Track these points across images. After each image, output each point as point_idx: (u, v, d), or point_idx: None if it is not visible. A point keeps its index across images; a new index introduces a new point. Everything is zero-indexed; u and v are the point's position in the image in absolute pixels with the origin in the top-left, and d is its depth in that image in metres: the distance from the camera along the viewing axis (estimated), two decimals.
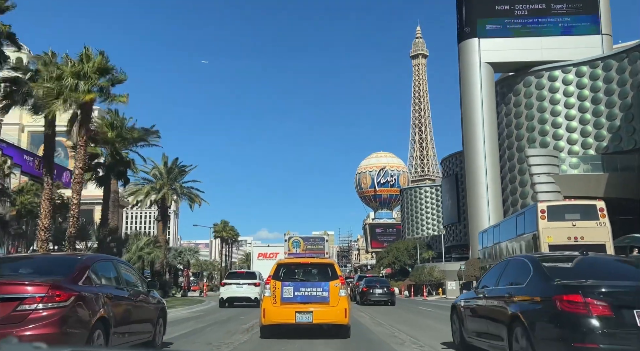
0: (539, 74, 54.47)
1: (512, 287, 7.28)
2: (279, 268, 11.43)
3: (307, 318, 10.64)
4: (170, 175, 41.05)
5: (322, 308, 10.69)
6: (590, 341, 5.57)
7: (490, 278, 8.59)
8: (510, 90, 57.00)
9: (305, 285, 10.98)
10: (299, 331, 11.15)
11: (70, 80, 18.47)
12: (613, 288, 5.99)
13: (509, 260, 8.62)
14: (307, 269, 11.70)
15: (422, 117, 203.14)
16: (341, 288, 10.91)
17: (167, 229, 42.19)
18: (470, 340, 8.71)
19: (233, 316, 18.57)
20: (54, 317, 6.16)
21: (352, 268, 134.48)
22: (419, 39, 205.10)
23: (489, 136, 54.49)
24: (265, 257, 40.24)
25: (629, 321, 5.59)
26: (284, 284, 10.89)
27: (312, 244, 43.93)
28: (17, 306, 6.08)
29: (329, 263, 11.89)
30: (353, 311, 14.32)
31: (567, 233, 18.96)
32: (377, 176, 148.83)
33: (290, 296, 10.76)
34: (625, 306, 5.69)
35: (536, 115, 54.50)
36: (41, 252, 18.46)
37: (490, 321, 7.74)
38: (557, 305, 5.94)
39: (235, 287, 24.88)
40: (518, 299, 6.87)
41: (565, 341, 5.76)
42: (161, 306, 9.60)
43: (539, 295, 6.45)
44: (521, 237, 22.77)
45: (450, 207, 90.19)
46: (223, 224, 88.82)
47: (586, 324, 5.65)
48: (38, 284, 6.29)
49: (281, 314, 10.74)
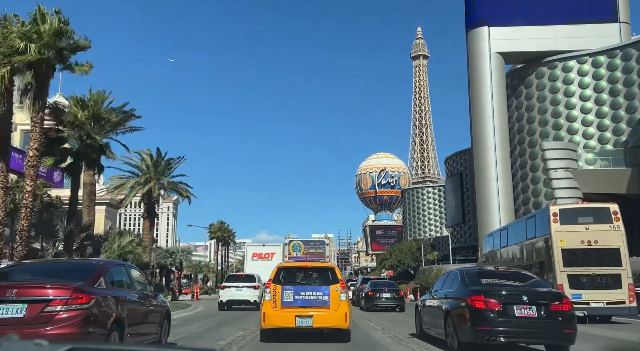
0: (552, 64, 51.33)
1: (448, 291, 10.57)
2: (280, 272, 11.41)
3: (307, 322, 10.67)
4: (157, 168, 37.86)
5: (323, 312, 10.74)
6: (486, 325, 9.06)
7: (439, 285, 11.65)
8: (522, 82, 53.87)
9: (306, 288, 11.00)
10: (299, 335, 11.20)
11: (18, 41, 15.29)
12: (502, 291, 9.48)
13: (450, 271, 11.81)
14: (308, 273, 11.70)
15: (423, 119, 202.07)
16: (342, 292, 10.94)
17: (154, 227, 38.89)
18: (427, 330, 11.77)
19: (227, 321, 17.57)
20: (77, 318, 6.77)
21: (352, 270, 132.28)
22: (419, 39, 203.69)
23: (500, 130, 51.30)
24: (260, 258, 37.15)
25: (511, 312, 9.09)
26: (284, 288, 10.92)
27: (313, 248, 43.96)
28: (44, 308, 6.70)
29: (330, 267, 11.90)
30: (359, 320, 14.58)
31: (581, 237, 18.58)
32: (377, 177, 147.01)
33: (290, 300, 10.78)
34: (509, 303, 9.13)
35: (549, 108, 51.35)
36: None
37: (435, 315, 10.90)
38: (469, 302, 9.26)
39: (235, 290, 24.97)
40: (450, 299, 10.15)
41: (472, 325, 9.17)
42: (166, 308, 10.30)
43: (460, 296, 9.70)
44: (532, 240, 21.54)
45: (455, 207, 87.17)
46: (219, 224, 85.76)
47: (485, 314, 9.08)
48: (63, 288, 6.94)
49: (281, 318, 10.77)
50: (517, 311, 9.07)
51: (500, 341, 9.09)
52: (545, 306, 9.16)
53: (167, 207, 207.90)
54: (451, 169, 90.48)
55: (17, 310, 6.72)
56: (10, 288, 6.91)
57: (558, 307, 9.19)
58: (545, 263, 19.54)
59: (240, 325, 15.70)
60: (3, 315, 6.68)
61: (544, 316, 9.08)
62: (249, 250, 37.94)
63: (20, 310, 6.73)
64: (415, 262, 68.89)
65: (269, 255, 37.06)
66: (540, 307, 9.13)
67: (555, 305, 9.20)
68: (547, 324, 9.10)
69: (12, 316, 6.66)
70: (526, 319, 9.07)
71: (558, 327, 9.11)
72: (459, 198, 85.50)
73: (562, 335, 9.17)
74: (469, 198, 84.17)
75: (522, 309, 9.12)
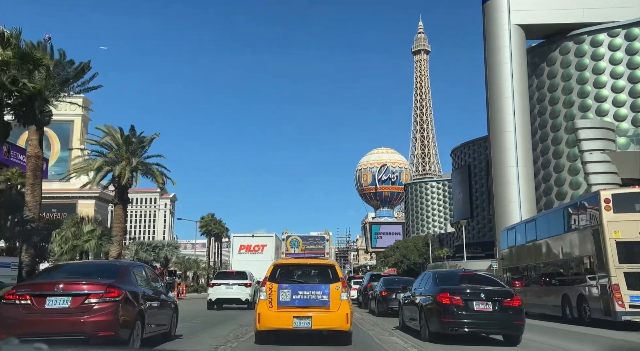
0: (579, 38, 46.06)
1: (423, 289, 12.72)
2: (276, 269, 10.84)
3: (305, 323, 10.13)
4: (129, 146, 32.39)
5: (322, 312, 10.20)
6: (450, 318, 10.90)
7: (417, 284, 13.86)
8: (544, 59, 48.56)
9: (304, 287, 10.46)
10: (296, 337, 10.76)
11: None
12: (464, 289, 11.40)
13: (426, 273, 14.62)
14: (306, 270, 11.17)
15: (424, 114, 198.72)
16: (342, 292, 10.38)
17: (127, 215, 33.39)
18: (407, 323, 13.78)
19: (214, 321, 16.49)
20: (110, 309, 8.36)
21: (352, 269, 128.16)
22: (421, 34, 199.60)
23: (521, 112, 45.92)
24: (249, 251, 31.88)
25: (470, 307, 10.93)
26: (280, 286, 10.39)
27: (312, 244, 40.99)
28: (84, 300, 8.36)
29: (330, 264, 11.41)
30: (369, 327, 14.42)
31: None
32: (378, 173, 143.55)
33: (287, 300, 10.25)
34: (469, 300, 11.00)
35: (575, 87, 46.08)
36: None
37: (413, 310, 12.93)
38: (437, 299, 11.22)
39: (225, 288, 23.76)
40: (424, 296, 12.19)
41: (439, 318, 11.06)
42: (175, 303, 11.85)
43: (431, 294, 11.74)
44: (574, 233, 18.51)
45: (462, 201, 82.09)
46: (210, 217, 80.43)
47: (449, 309, 10.94)
48: (99, 284, 8.62)
49: (277, 319, 10.22)
50: (476, 306, 10.99)
51: (463, 331, 10.93)
52: (499, 302, 11.01)
53: (165, 204, 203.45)
54: (458, 161, 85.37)
55: (63, 301, 8.34)
56: (57, 284, 8.63)
57: (509, 303, 11.05)
58: (593, 259, 16.81)
59: (227, 329, 14.06)
60: (53, 305, 8.31)
61: (498, 310, 10.96)
62: (236, 242, 32.55)
63: (66, 301, 8.34)
64: (421, 259, 63.41)
65: (259, 248, 31.78)
66: (495, 303, 11.00)
67: (507, 301, 11.06)
68: (500, 316, 10.95)
69: (60, 307, 8.30)
70: (483, 313, 10.97)
71: (509, 319, 10.94)
72: (466, 191, 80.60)
73: (512, 326, 10.99)
74: (478, 192, 79.34)
75: (480, 304, 11.03)
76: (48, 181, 59.75)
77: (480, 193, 78.10)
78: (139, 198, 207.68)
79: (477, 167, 79.09)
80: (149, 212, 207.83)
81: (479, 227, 77.84)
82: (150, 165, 32.82)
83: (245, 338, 11.75)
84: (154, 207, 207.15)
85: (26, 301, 8.29)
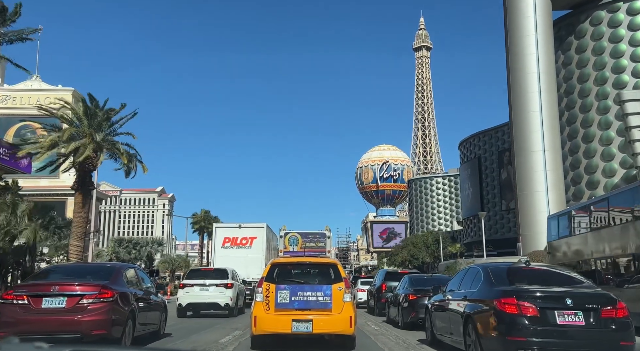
0: (613, 6, 40.79)
1: (467, 291, 8.83)
2: (273, 269, 10.14)
3: (305, 327, 9.42)
4: (93, 120, 27.00)
5: (324, 315, 9.49)
6: (519, 335, 7.27)
7: (454, 283, 9.90)
8: (571, 32, 43.25)
9: (304, 288, 9.77)
10: (296, 342, 10.15)
11: None
12: (540, 293, 7.63)
13: (468, 268, 10.06)
14: (306, 270, 10.52)
15: (426, 112, 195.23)
16: (346, 293, 9.67)
17: (89, 204, 28.00)
18: (440, 337, 10.06)
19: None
20: (104, 308, 8.85)
21: (353, 269, 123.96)
22: (422, 30, 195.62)
23: (547, 90, 40.62)
24: (235, 244, 26.58)
25: (551, 319, 7.29)
26: (278, 287, 9.72)
27: (312, 241, 37.99)
28: (79, 301, 8.82)
29: (332, 263, 10.63)
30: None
31: None
32: (379, 170, 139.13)
33: (286, 302, 9.61)
34: (549, 308, 7.35)
35: (609, 62, 40.80)
36: None
37: (452, 320, 9.19)
38: (497, 306, 7.54)
39: (199, 290, 19.03)
40: (471, 301, 8.47)
41: (501, 335, 7.44)
42: (164, 303, 12.33)
43: (485, 298, 8.04)
44: None
45: (472, 196, 76.81)
46: (204, 214, 75.19)
47: (518, 322, 7.30)
48: (92, 285, 9.09)
49: (275, 322, 9.55)
50: (558, 318, 7.41)
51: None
52: (594, 311, 7.43)
53: (163, 205, 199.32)
54: (467, 153, 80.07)
55: (59, 302, 8.80)
56: (54, 285, 9.07)
57: (610, 313, 7.48)
58: None
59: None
60: (49, 305, 8.75)
61: (594, 324, 7.38)
62: (219, 234, 26.98)
63: (62, 301, 8.80)
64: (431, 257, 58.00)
65: (248, 241, 26.37)
66: (589, 313, 7.42)
67: (607, 311, 7.48)
68: (598, 334, 7.38)
69: (56, 307, 8.75)
70: (572, 328, 7.38)
71: (612, 338, 7.39)
72: (476, 186, 75.35)
73: (618, 348, 7.40)
74: (489, 186, 74.11)
75: (566, 315, 7.43)
76: (35, 178, 54.42)
77: (492, 187, 72.88)
78: (136, 198, 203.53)
79: (487, 159, 73.88)
80: (147, 212, 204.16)
81: (491, 223, 72.52)
82: (116, 143, 27.32)
83: (237, 345, 10.80)
84: (152, 207, 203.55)
85: (23, 301, 8.81)
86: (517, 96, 41.25)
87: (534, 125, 40.16)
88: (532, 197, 39.83)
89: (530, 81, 40.57)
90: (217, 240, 26.59)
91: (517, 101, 41.32)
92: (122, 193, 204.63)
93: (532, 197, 39.83)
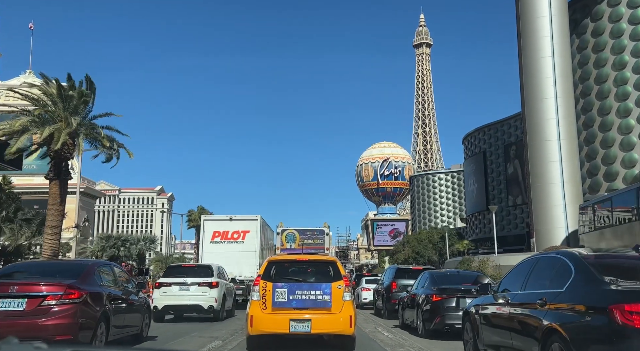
0: None
1: (546, 292, 6.06)
2: (270, 266, 9.77)
3: (303, 327, 9.05)
4: (68, 103, 24.38)
5: (323, 315, 9.15)
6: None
7: (513, 281, 7.27)
8: (587, 14, 40.66)
9: (302, 287, 9.37)
10: (293, 343, 9.84)
11: None
12: None
13: (539, 257, 7.12)
14: (304, 268, 10.12)
15: (426, 109, 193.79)
16: (345, 291, 9.31)
17: (64, 195, 25.38)
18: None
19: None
20: (70, 311, 7.95)
21: (353, 268, 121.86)
22: (422, 27, 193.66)
23: (562, 75, 38.02)
24: (225, 238, 24.00)
25: None
26: (275, 286, 9.33)
27: (310, 238, 35.92)
28: (41, 302, 7.88)
29: (331, 260, 10.27)
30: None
31: None
32: (380, 168, 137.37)
33: (283, 301, 9.23)
34: None
35: (628, 45, 38.18)
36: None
37: (515, 334, 6.56)
38: (615, 317, 4.79)
39: (178, 290, 16.46)
40: (554, 307, 5.77)
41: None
42: (147, 304, 11.45)
43: (586, 303, 5.29)
44: None
45: (476, 192, 74.21)
46: (200, 211, 72.82)
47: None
48: (57, 284, 8.15)
49: (272, 322, 9.18)
50: None
51: None
52: None
53: (162, 204, 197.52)
54: (471, 148, 77.42)
55: (18, 303, 7.86)
56: (12, 285, 8.11)
57: None
58: None
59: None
60: (6, 308, 7.82)
61: None
62: (207, 227, 24.25)
63: (21, 303, 7.87)
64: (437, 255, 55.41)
65: (240, 235, 23.73)
66: None
67: None
68: None
69: (14, 309, 7.83)
70: None
71: None
72: (481, 181, 72.77)
73: None
74: (495, 181, 71.47)
75: None
76: (28, 175, 51.92)
77: (497, 183, 70.30)
78: (135, 197, 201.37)
79: (493, 153, 71.30)
80: (146, 211, 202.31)
81: (497, 220, 69.98)
82: (95, 126, 24.67)
83: (234, 345, 10.24)
84: (150, 206, 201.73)
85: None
86: (530, 82, 38.64)
87: (548, 113, 37.56)
88: (547, 190, 37.25)
89: (544, 65, 37.98)
90: (205, 235, 23.96)
91: (530, 87, 38.71)
92: (121, 193, 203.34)
93: (547, 190, 37.25)
